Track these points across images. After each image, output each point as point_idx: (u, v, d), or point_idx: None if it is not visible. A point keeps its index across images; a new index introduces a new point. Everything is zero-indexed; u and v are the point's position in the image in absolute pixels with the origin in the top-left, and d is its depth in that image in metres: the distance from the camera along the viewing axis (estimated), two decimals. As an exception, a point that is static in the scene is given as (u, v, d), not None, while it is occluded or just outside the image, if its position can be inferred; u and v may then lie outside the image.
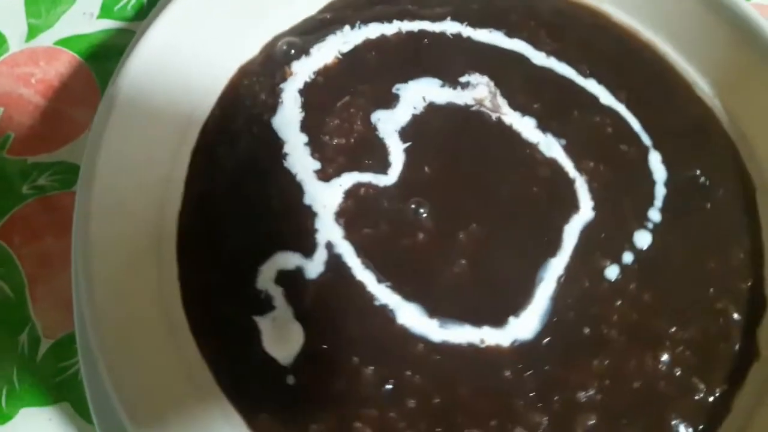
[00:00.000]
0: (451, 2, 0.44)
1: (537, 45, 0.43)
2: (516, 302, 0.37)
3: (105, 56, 0.47)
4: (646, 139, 0.41)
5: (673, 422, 0.35)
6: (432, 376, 0.35)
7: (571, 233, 0.38)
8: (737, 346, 0.37)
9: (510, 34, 0.43)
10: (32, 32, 0.47)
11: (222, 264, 0.37)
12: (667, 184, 0.40)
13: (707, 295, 0.37)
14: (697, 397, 0.35)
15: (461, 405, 0.34)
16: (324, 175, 0.39)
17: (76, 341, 0.36)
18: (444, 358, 0.35)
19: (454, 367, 0.35)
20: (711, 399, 0.35)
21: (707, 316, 0.37)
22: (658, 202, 0.39)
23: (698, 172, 0.40)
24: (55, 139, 0.44)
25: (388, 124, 0.40)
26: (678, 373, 0.36)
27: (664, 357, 0.36)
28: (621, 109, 0.42)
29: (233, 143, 0.40)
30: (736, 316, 0.37)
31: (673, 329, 0.36)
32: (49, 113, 0.45)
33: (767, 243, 0.39)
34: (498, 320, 0.36)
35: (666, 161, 0.40)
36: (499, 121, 0.41)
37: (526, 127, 0.41)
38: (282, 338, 0.35)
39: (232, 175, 0.39)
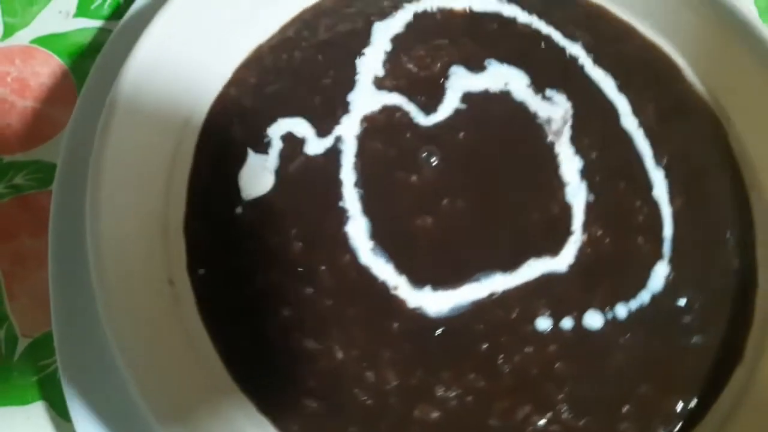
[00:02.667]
0: (588, 29, 0.45)
1: (636, 109, 0.42)
2: (447, 277, 0.37)
3: (81, 55, 0.46)
4: (667, 250, 0.39)
5: None
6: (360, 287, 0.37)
7: (533, 269, 0.38)
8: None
9: (621, 88, 0.43)
10: (8, 31, 0.47)
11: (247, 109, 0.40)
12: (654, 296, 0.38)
13: (617, 413, 0.36)
14: None
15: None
16: (380, 84, 0.41)
17: (53, 340, 0.36)
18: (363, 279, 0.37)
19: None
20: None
21: (603, 422, 0.36)
22: (634, 303, 0.38)
23: (685, 302, 0.38)
24: (32, 138, 0.44)
25: (461, 81, 0.42)
26: None
27: (540, 422, 0.35)
28: (666, 213, 0.40)
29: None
30: None
31: (564, 408, 0.36)
32: (25, 112, 0.45)
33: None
34: (424, 279, 0.37)
35: (672, 280, 0.39)
36: (551, 146, 0.41)
37: (570, 165, 0.41)
38: (256, 178, 0.38)
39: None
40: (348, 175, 0.39)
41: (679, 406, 0.37)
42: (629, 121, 0.42)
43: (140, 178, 0.37)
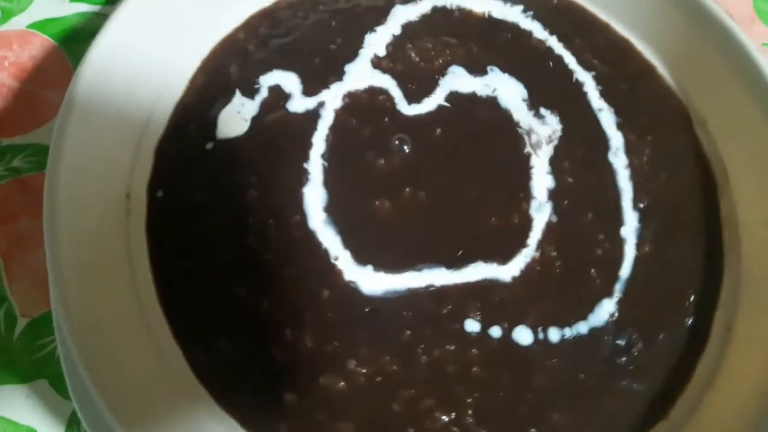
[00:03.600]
0: (606, 61, 0.44)
1: (631, 148, 0.42)
2: (391, 262, 0.37)
3: (78, 39, 0.47)
4: (618, 290, 0.39)
5: None
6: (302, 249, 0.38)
7: (477, 272, 0.38)
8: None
9: (621, 126, 0.43)
10: (5, 16, 0.48)
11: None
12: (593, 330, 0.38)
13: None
14: None
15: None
16: (376, 63, 0.42)
17: (51, 320, 0.37)
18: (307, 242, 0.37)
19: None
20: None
21: None
22: (569, 331, 0.38)
23: (624, 343, 0.38)
24: (29, 121, 0.45)
25: (455, 81, 0.42)
26: None
27: (442, 418, 0.35)
28: (629, 255, 0.40)
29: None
30: None
31: (469, 412, 0.35)
32: (22, 96, 0.45)
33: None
34: (367, 258, 0.37)
35: (616, 320, 0.38)
36: (528, 156, 0.41)
37: (541, 181, 0.41)
38: (234, 119, 0.40)
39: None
40: (319, 141, 0.40)
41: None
42: (619, 158, 0.42)
43: (129, 95, 0.39)
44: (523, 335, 0.37)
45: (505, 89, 0.43)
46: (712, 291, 0.40)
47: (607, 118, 0.43)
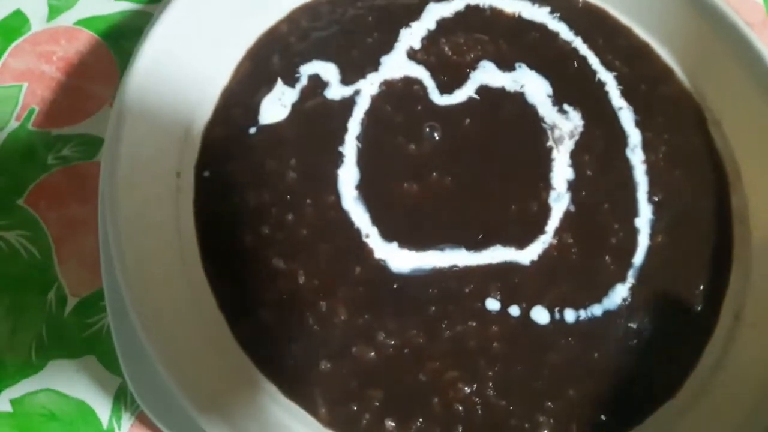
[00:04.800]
0: (628, 63, 0.47)
1: (648, 145, 0.44)
2: (415, 240, 0.40)
3: (123, 36, 0.49)
4: (631, 276, 0.41)
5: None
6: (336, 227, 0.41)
7: (497, 254, 0.41)
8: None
9: (639, 124, 0.45)
10: (53, 13, 0.50)
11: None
12: (606, 312, 0.40)
13: (539, 405, 0.38)
14: None
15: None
16: (412, 54, 0.45)
17: (99, 300, 0.41)
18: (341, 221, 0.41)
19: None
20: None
21: (523, 408, 0.38)
22: (584, 312, 0.40)
23: (636, 326, 0.40)
24: (77, 112, 0.47)
25: (485, 75, 0.45)
26: (458, 408, 0.38)
27: (464, 389, 0.38)
28: (643, 244, 0.42)
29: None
30: None
31: (489, 384, 0.38)
32: (70, 89, 0.48)
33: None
34: (393, 235, 0.41)
35: (628, 304, 0.41)
36: (549, 150, 0.44)
37: (561, 173, 0.43)
38: (275, 106, 0.43)
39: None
40: (354, 125, 0.43)
41: (600, 419, 0.39)
42: (636, 154, 0.45)
43: (179, 84, 0.42)
44: (540, 315, 0.40)
45: (532, 85, 0.46)
46: (721, 280, 0.43)
47: (626, 116, 0.46)
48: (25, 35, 0.49)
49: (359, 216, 0.41)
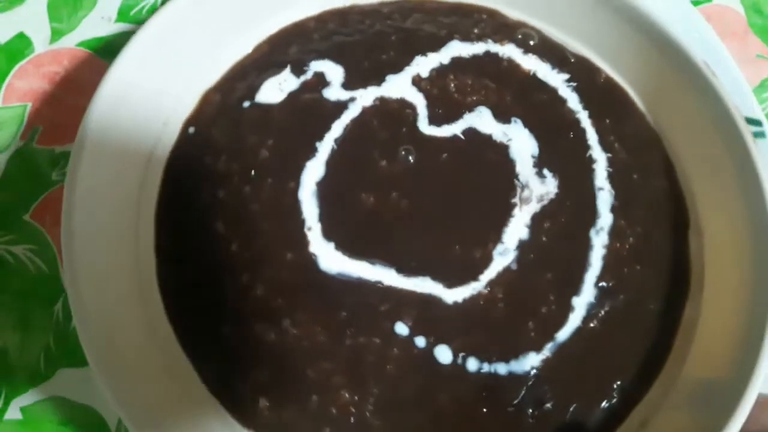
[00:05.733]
0: (626, 147, 0.47)
1: (616, 233, 0.45)
2: (351, 247, 0.42)
3: None
4: (547, 350, 0.42)
5: None
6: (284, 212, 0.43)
7: (423, 285, 0.42)
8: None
9: (614, 210, 0.45)
10: (55, 35, 0.52)
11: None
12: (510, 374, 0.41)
13: None
14: None
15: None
16: (416, 81, 0.47)
17: None
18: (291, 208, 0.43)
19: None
20: None
21: None
22: (487, 367, 0.41)
23: (536, 400, 0.41)
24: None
25: (478, 120, 0.47)
26: (332, 411, 0.39)
27: (345, 395, 0.39)
28: (572, 325, 0.42)
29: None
30: None
31: (371, 401, 0.39)
32: (73, 108, 0.48)
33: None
34: (333, 236, 0.43)
35: (536, 377, 0.41)
36: (513, 206, 0.44)
37: (515, 231, 0.44)
38: (274, 90, 0.46)
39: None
40: (338, 128, 0.45)
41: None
42: (600, 237, 0.45)
43: (189, 53, 0.45)
44: (444, 354, 0.41)
45: (520, 142, 0.47)
46: (640, 386, 0.42)
47: (604, 198, 0.46)
48: (28, 57, 0.52)
49: (309, 209, 0.43)
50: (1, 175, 0.48)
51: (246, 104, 0.46)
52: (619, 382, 0.42)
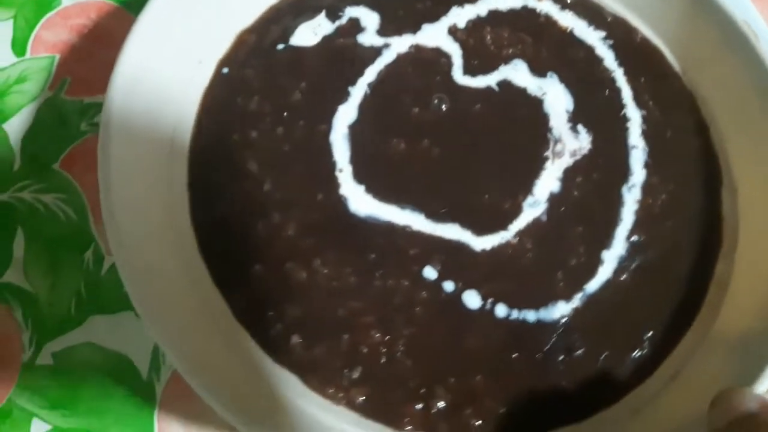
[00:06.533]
0: (661, 105, 0.47)
1: (648, 187, 0.45)
2: (382, 191, 0.42)
3: None
4: (577, 300, 0.42)
5: None
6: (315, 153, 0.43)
7: (452, 232, 0.42)
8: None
9: (647, 166, 0.45)
10: None
11: None
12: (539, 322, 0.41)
13: (442, 380, 0.39)
14: None
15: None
16: (452, 31, 0.47)
17: None
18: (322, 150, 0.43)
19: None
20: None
21: (425, 380, 0.39)
22: (516, 314, 0.41)
23: (568, 346, 0.40)
24: (108, 82, 0.47)
25: (514, 72, 0.47)
26: (363, 350, 0.39)
27: (376, 335, 0.39)
28: (603, 275, 0.42)
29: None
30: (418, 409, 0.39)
31: (401, 343, 0.39)
32: (100, 59, 0.49)
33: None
34: (364, 179, 0.43)
35: (566, 324, 0.41)
36: (544, 159, 0.45)
37: (547, 184, 0.44)
38: (308, 34, 0.46)
39: None
40: (371, 73, 0.45)
41: (498, 412, 0.39)
42: (632, 193, 0.45)
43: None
44: (472, 299, 0.41)
45: (555, 95, 0.46)
46: (671, 338, 0.42)
47: (638, 155, 0.46)
48: (56, 9, 0.52)
49: (341, 151, 0.43)
50: (30, 126, 0.48)
51: (280, 47, 0.46)
52: (650, 333, 0.41)
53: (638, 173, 0.45)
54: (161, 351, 0.42)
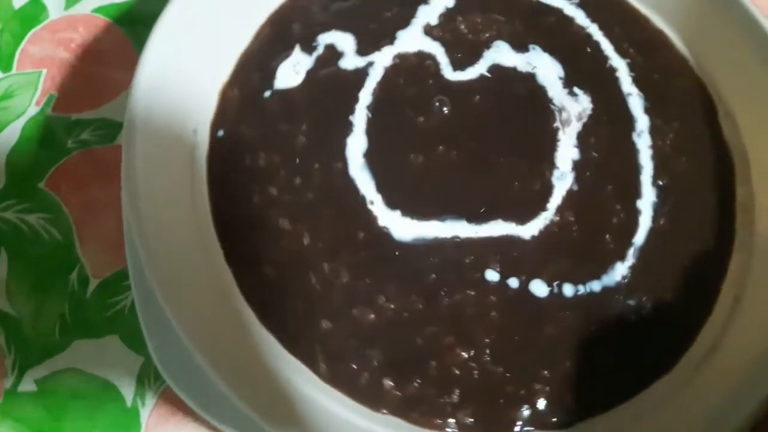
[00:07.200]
0: (642, 52, 0.48)
1: (656, 131, 0.46)
2: (418, 209, 0.42)
3: (139, 22, 0.51)
4: (631, 255, 0.42)
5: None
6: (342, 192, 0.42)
7: (498, 228, 0.42)
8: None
9: (648, 110, 0.46)
10: (70, 1, 0.52)
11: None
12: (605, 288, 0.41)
13: (535, 373, 0.39)
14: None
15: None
16: (428, 30, 0.47)
17: (121, 280, 0.43)
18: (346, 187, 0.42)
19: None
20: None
21: (519, 376, 0.39)
22: (582, 288, 0.41)
23: (634, 303, 0.41)
24: (96, 98, 0.48)
25: (498, 55, 0.46)
26: (455, 372, 0.39)
27: (461, 354, 0.39)
28: (644, 225, 0.43)
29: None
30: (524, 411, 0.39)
31: (486, 351, 0.39)
32: (88, 75, 0.49)
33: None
34: (396, 204, 0.42)
35: (627, 283, 0.42)
36: (555, 131, 0.45)
37: (566, 153, 0.44)
38: (290, 73, 0.45)
39: None
40: (366, 96, 0.44)
41: (596, 390, 0.40)
42: (642, 139, 0.46)
43: (198, 48, 0.43)
44: (539, 288, 0.41)
45: (544, 67, 0.47)
46: (722, 264, 0.43)
47: (635, 102, 0.47)
48: (43, 23, 0.51)
49: (365, 183, 0.42)
50: (15, 142, 0.47)
51: (267, 94, 0.44)
52: (702, 268, 0.43)
53: (642, 119, 0.46)
54: (147, 376, 0.42)
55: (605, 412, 0.39)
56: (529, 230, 0.42)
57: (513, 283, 0.41)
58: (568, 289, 0.41)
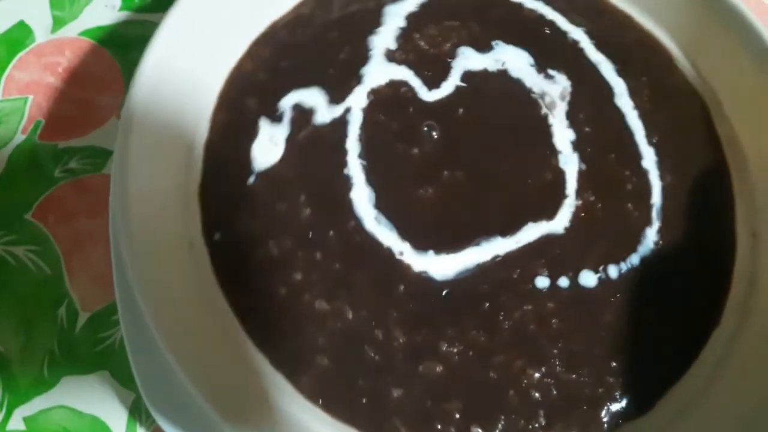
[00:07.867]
0: (590, 18, 0.48)
1: (632, 91, 0.46)
2: (448, 242, 0.40)
3: (127, 46, 0.49)
4: (655, 217, 0.42)
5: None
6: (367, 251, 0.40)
7: (532, 232, 0.41)
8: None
9: (619, 72, 0.46)
10: (57, 24, 0.50)
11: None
12: (643, 259, 0.41)
13: (606, 367, 0.39)
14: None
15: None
16: (391, 56, 0.45)
17: (111, 314, 0.41)
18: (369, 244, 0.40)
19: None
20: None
21: (593, 376, 0.39)
22: (624, 265, 0.41)
23: (671, 266, 0.41)
24: (84, 124, 0.47)
25: (466, 61, 0.45)
26: (534, 395, 0.38)
27: (534, 374, 0.38)
28: (655, 184, 0.43)
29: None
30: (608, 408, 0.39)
31: (557, 362, 0.39)
32: (76, 100, 0.48)
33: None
34: (426, 244, 0.40)
35: (660, 246, 0.42)
36: (545, 117, 0.44)
37: (563, 136, 0.44)
38: (267, 148, 0.42)
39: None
40: (353, 144, 0.42)
41: (662, 361, 0.40)
42: (624, 102, 0.46)
43: (162, 154, 0.40)
44: (588, 279, 0.41)
45: (513, 59, 0.46)
46: (727, 204, 0.44)
47: (606, 68, 0.47)
48: (29, 47, 0.49)
49: (386, 235, 0.40)
50: (1, 172, 0.46)
51: (251, 180, 0.41)
52: (714, 211, 0.44)
53: (618, 83, 0.46)
54: (138, 413, 0.41)
55: (677, 381, 0.40)
56: (560, 223, 0.42)
57: (563, 282, 0.40)
58: (612, 271, 0.41)
